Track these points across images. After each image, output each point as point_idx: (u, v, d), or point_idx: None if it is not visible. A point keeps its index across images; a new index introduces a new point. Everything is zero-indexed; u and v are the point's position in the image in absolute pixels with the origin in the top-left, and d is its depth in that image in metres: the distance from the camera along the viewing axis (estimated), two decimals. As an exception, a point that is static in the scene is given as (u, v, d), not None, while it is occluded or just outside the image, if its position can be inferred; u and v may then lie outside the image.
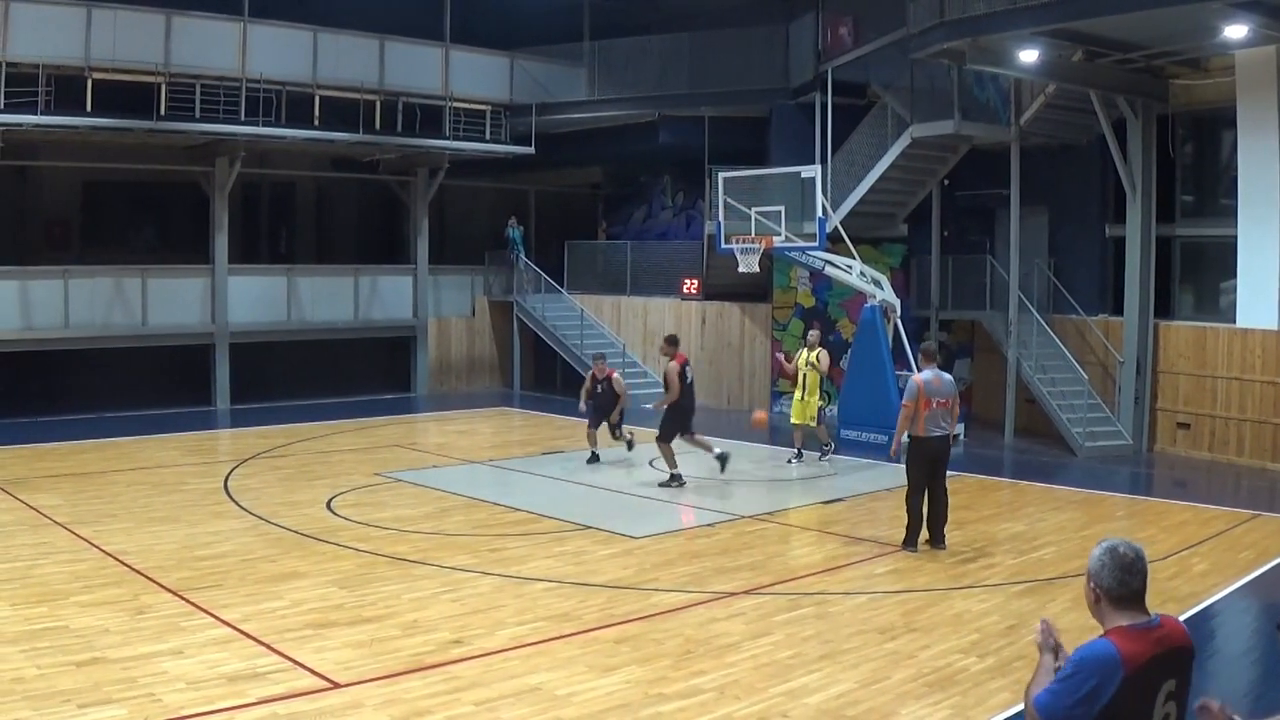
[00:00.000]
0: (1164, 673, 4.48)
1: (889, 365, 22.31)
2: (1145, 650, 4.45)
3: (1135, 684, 4.38)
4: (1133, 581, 4.57)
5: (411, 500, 16.57)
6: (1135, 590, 4.58)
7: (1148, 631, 4.51)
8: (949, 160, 24.94)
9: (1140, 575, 4.59)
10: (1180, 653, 4.59)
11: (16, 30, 22.44)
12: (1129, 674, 4.37)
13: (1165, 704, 4.47)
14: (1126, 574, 4.57)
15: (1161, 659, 4.48)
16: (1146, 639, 4.49)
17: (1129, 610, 4.57)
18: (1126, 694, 4.36)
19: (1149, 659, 4.44)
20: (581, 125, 30.77)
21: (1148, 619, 4.56)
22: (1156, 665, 4.45)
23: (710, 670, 9.41)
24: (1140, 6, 17.44)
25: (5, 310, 23.90)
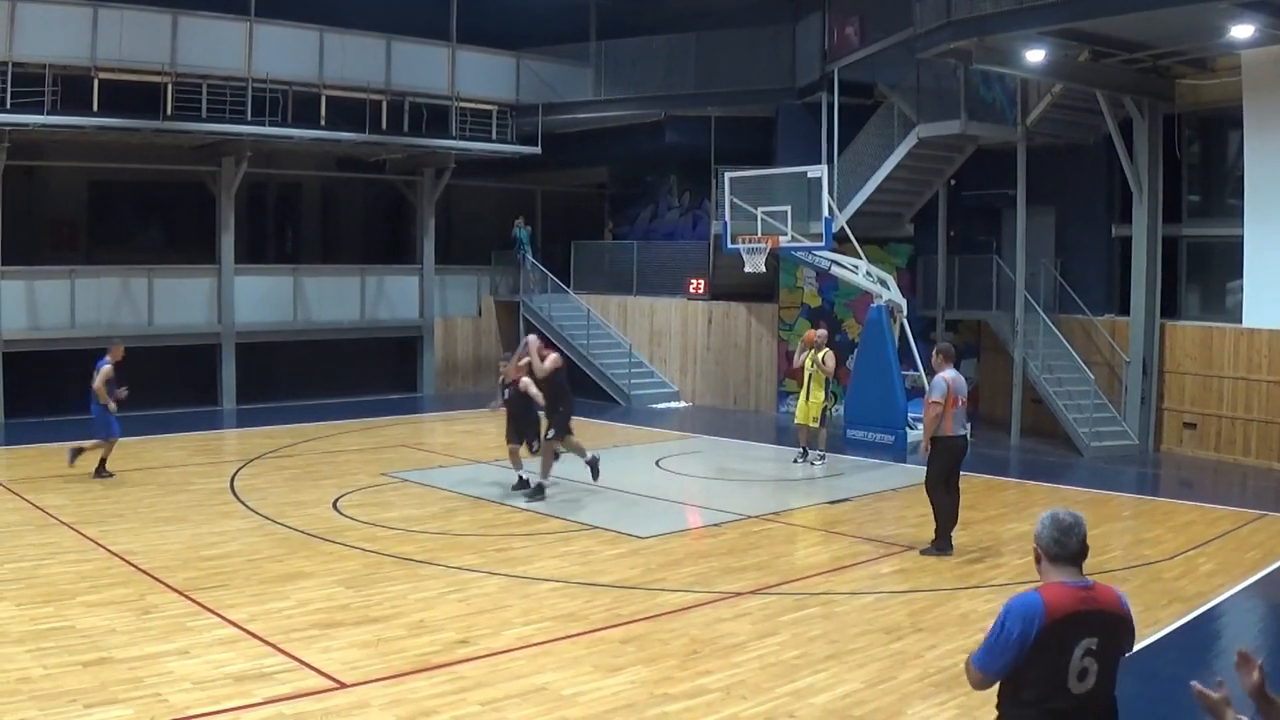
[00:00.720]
0: (1084, 630, 4.88)
1: (895, 365, 22.30)
2: (1069, 605, 4.89)
3: (1054, 632, 4.83)
4: (1068, 543, 5.02)
5: (418, 500, 16.58)
6: (1071, 551, 5.02)
7: (1076, 590, 4.95)
8: (955, 160, 24.92)
9: (1076, 538, 5.02)
10: (1105, 616, 4.97)
11: (23, 30, 22.47)
12: (1048, 623, 4.83)
13: (1084, 658, 4.88)
14: (1063, 535, 5.02)
15: (1084, 616, 4.90)
16: (1073, 596, 4.93)
17: (1064, 569, 5.02)
18: (1046, 640, 4.82)
19: (1071, 613, 4.87)
20: (588, 125, 30.78)
21: (1080, 580, 5.00)
22: (1078, 621, 4.88)
23: (716, 670, 9.40)
24: (1147, 6, 17.41)
25: (12, 310, 23.94)
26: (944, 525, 13.56)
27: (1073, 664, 4.89)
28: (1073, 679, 4.92)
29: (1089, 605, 4.95)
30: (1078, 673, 4.91)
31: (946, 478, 13.59)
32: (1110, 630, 4.99)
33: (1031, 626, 4.85)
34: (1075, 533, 5.04)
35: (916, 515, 15.78)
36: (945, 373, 13.45)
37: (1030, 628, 4.85)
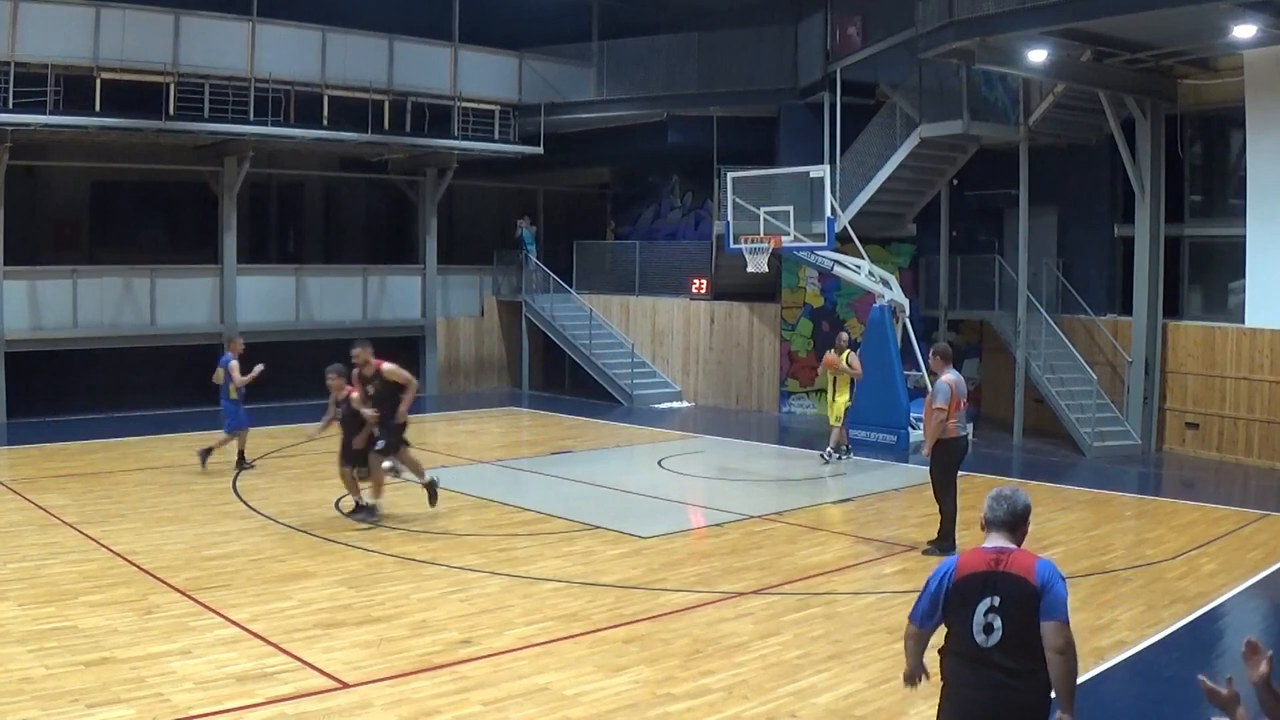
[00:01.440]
0: (988, 589, 5.53)
1: (897, 365, 22.31)
2: (975, 566, 5.62)
3: (959, 589, 5.60)
4: (997, 510, 5.74)
5: (420, 501, 16.55)
6: (999, 518, 5.74)
7: (990, 554, 5.64)
8: (958, 160, 24.91)
9: (1004, 508, 5.74)
10: (1010, 580, 5.52)
11: (25, 30, 22.47)
12: (957, 579, 5.63)
13: (987, 614, 5.50)
14: (994, 504, 5.76)
15: (989, 577, 5.55)
16: (984, 559, 5.62)
17: (994, 535, 5.74)
18: (953, 595, 5.62)
19: (974, 573, 5.59)
20: (590, 125, 30.77)
21: (1000, 546, 5.68)
22: (982, 580, 5.55)
23: (719, 670, 9.41)
24: (1149, 6, 17.40)
25: (14, 310, 23.93)
26: (950, 525, 13.52)
27: (976, 618, 5.53)
28: (978, 632, 5.53)
29: (996, 568, 5.56)
30: (982, 627, 5.52)
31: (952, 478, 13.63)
32: (1014, 593, 5.48)
33: (943, 582, 5.68)
34: (1004, 503, 5.75)
35: (919, 515, 15.78)
36: (947, 375, 13.43)
37: (942, 583, 5.69)
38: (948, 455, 13.51)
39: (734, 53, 28.35)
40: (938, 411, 13.22)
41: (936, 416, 13.25)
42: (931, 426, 13.38)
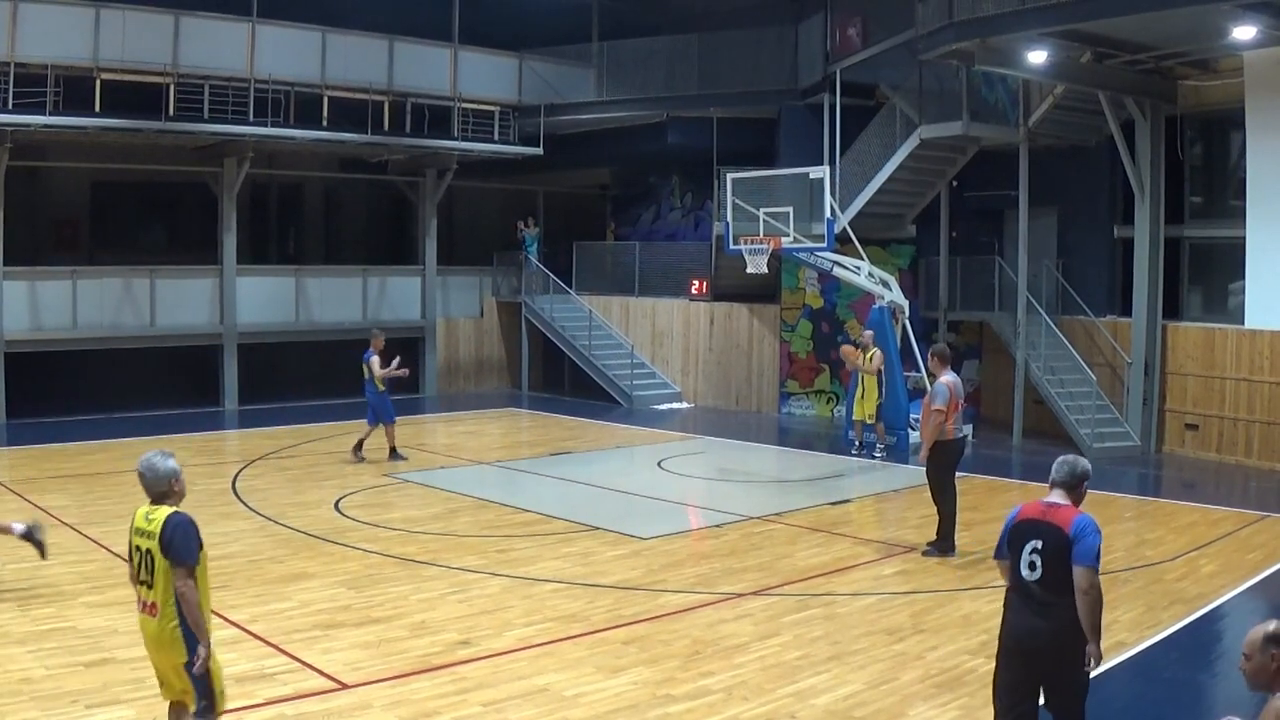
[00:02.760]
0: (1034, 534, 6.83)
1: (897, 366, 22.30)
2: (1031, 514, 6.96)
3: (1017, 530, 6.97)
4: (1059, 472, 7.05)
5: (420, 501, 16.59)
6: (1059, 479, 7.03)
7: (1043, 505, 6.95)
8: (957, 161, 24.91)
9: (1064, 470, 7.03)
10: (1051, 528, 6.77)
11: (25, 31, 22.47)
12: (1016, 522, 7.02)
13: (1031, 554, 6.79)
14: (1058, 466, 7.08)
15: (1037, 524, 6.85)
16: (1038, 509, 6.95)
17: (1053, 493, 7.01)
18: (1013, 534, 6.99)
19: (1029, 519, 6.93)
20: (590, 126, 30.75)
21: (1053, 501, 6.96)
22: (1032, 526, 6.87)
23: (718, 671, 9.41)
24: (1149, 8, 17.40)
25: (14, 311, 23.93)
26: (949, 527, 13.56)
27: (1024, 556, 6.83)
28: (1025, 568, 6.82)
29: (1043, 518, 6.84)
30: (1027, 564, 6.81)
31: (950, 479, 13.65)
32: (1053, 539, 6.72)
33: (1008, 524, 7.08)
34: (1065, 466, 7.06)
35: (918, 516, 15.79)
36: (945, 377, 13.45)
37: (1007, 525, 7.09)
38: (946, 456, 13.54)
39: (734, 54, 28.34)
40: (936, 413, 13.21)
41: (935, 418, 13.24)
42: (930, 428, 13.37)
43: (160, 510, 6.88)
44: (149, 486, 6.95)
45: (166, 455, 7.00)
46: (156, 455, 7.00)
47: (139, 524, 6.90)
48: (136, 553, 6.90)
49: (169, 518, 6.82)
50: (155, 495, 6.95)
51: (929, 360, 14.06)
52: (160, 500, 6.93)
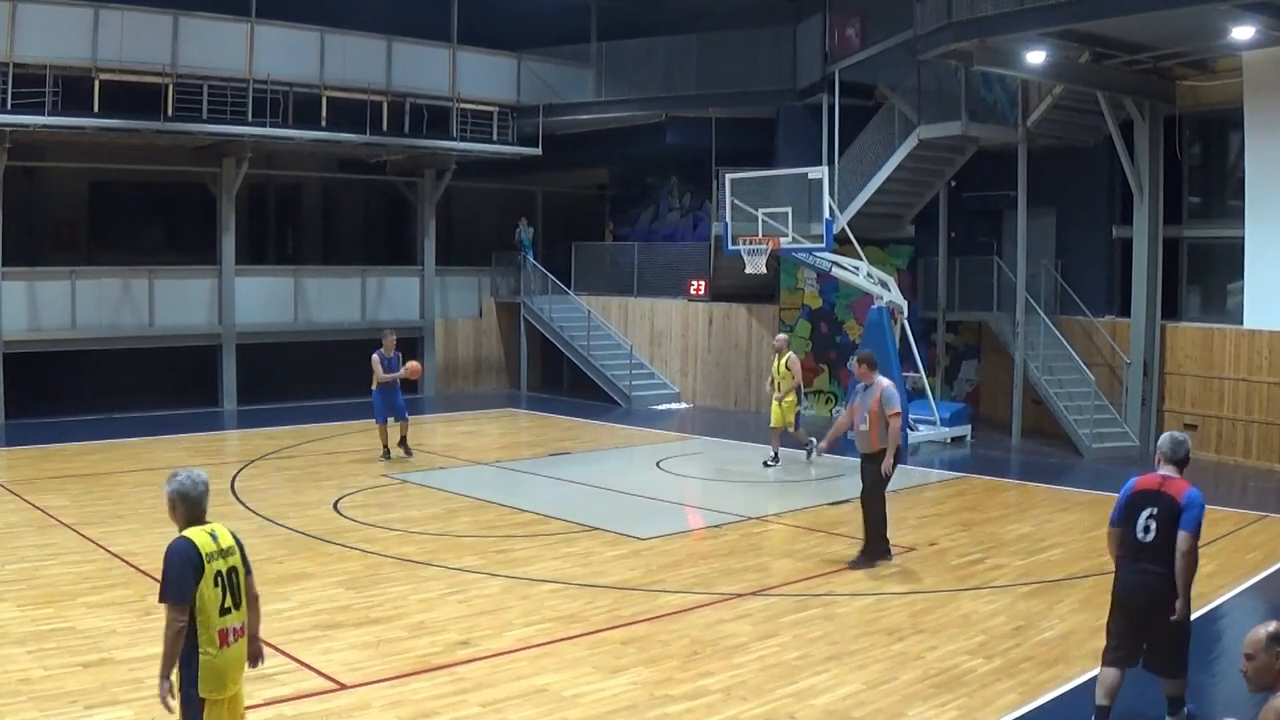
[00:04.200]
0: (1148, 501, 7.97)
1: (896, 367, 22.24)
2: (1148, 484, 8.04)
3: (1134, 499, 8.06)
4: (1166, 450, 8.19)
5: (419, 501, 16.60)
6: (1169, 455, 8.15)
7: (1158, 477, 8.06)
8: (956, 161, 24.92)
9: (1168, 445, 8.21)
10: (1166, 498, 7.90)
11: (24, 31, 22.47)
12: (1133, 492, 8.10)
13: (1147, 519, 7.92)
14: (1168, 443, 8.23)
15: (1149, 493, 8.00)
16: (1154, 480, 8.05)
17: (1164, 466, 8.11)
18: (1128, 504, 8.10)
19: (1148, 489, 8.02)
20: (589, 126, 30.76)
21: (1166, 474, 8.06)
22: (1145, 495, 8.01)
23: (717, 671, 9.41)
24: (1148, 8, 17.41)
25: (13, 311, 23.93)
26: (881, 530, 13.25)
27: (1140, 521, 7.95)
28: (1140, 532, 7.95)
29: (1155, 488, 7.98)
30: (1143, 528, 7.93)
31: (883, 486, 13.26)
32: (1166, 507, 7.87)
33: (1126, 493, 8.13)
34: (1171, 442, 8.21)
35: (917, 516, 15.81)
36: (886, 380, 13.21)
37: (1125, 495, 8.15)
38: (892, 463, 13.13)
39: (733, 54, 28.35)
40: (896, 417, 12.83)
41: (896, 423, 12.83)
42: (893, 434, 12.85)
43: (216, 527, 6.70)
44: (198, 504, 6.75)
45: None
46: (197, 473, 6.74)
47: (212, 548, 6.55)
48: (219, 580, 6.47)
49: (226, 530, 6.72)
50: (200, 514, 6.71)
51: (856, 367, 13.43)
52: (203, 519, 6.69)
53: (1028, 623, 10.83)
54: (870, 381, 13.08)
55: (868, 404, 12.95)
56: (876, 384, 13.02)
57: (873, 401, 12.89)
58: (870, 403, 12.92)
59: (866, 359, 13.33)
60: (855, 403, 13.26)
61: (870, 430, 12.93)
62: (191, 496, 6.69)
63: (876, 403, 12.86)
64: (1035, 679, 9.31)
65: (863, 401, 13.06)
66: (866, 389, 13.09)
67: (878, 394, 12.89)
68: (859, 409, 13.10)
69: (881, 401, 12.83)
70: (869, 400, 12.95)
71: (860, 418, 13.04)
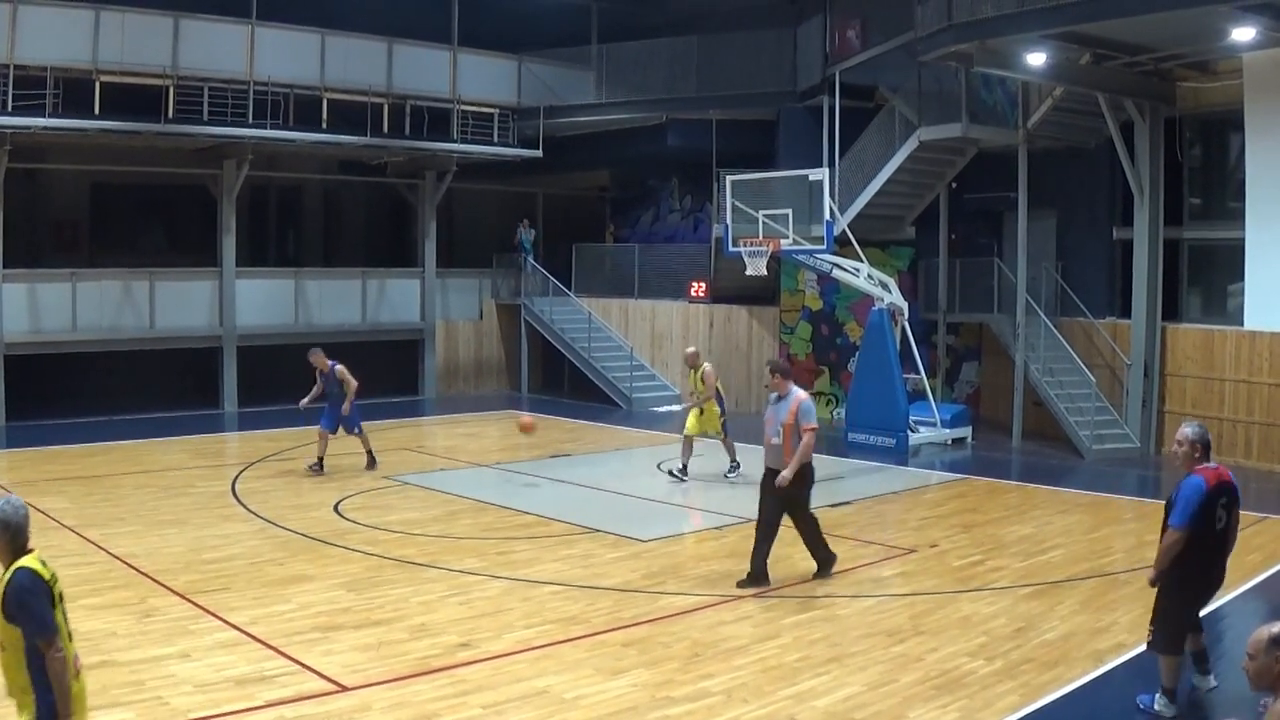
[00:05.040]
0: (1220, 493, 8.58)
1: (896, 368, 22.29)
2: (1217, 478, 8.58)
3: (1210, 496, 8.48)
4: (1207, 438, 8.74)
5: (419, 503, 16.59)
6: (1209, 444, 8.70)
7: (1216, 469, 8.66)
8: (957, 163, 24.94)
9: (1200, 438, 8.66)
10: (1230, 485, 8.70)
11: (24, 33, 22.49)
12: (1209, 489, 8.49)
13: (1219, 510, 8.58)
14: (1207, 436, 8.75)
15: (1220, 485, 8.59)
16: (1216, 472, 8.62)
17: (1205, 460, 8.63)
18: (1206, 501, 8.47)
19: (1215, 484, 8.55)
20: (589, 128, 30.79)
21: (1215, 464, 8.71)
22: (1218, 488, 8.56)
23: (718, 673, 9.41)
24: (1148, 9, 17.40)
25: (14, 313, 23.94)
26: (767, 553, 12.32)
27: (1216, 511, 8.56)
28: (1216, 522, 8.57)
29: (1221, 479, 8.60)
30: (1217, 518, 8.58)
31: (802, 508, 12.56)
32: (1232, 492, 8.71)
33: (1202, 494, 8.45)
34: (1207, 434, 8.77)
35: (918, 518, 15.83)
36: (801, 392, 12.46)
37: (1202, 495, 8.45)
38: (806, 480, 12.36)
39: (733, 56, 28.37)
40: (811, 431, 12.03)
41: (810, 438, 12.02)
42: (804, 448, 12.01)
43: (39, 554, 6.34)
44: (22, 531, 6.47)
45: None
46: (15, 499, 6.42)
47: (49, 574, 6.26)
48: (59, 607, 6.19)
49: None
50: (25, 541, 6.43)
51: (770, 377, 12.60)
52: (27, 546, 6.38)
53: (1028, 624, 10.83)
54: (784, 392, 12.35)
55: (782, 416, 12.16)
56: (792, 395, 12.28)
57: (788, 414, 12.11)
58: (785, 415, 12.13)
59: (779, 368, 12.64)
60: (768, 415, 12.45)
61: (784, 444, 12.11)
62: (15, 523, 6.37)
63: (792, 415, 12.08)
64: (1036, 680, 9.31)
65: (776, 414, 12.27)
66: (780, 400, 12.33)
67: (794, 406, 12.13)
68: (771, 421, 12.29)
69: (798, 414, 12.07)
70: (783, 412, 12.16)
71: (773, 430, 12.23)
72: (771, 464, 12.28)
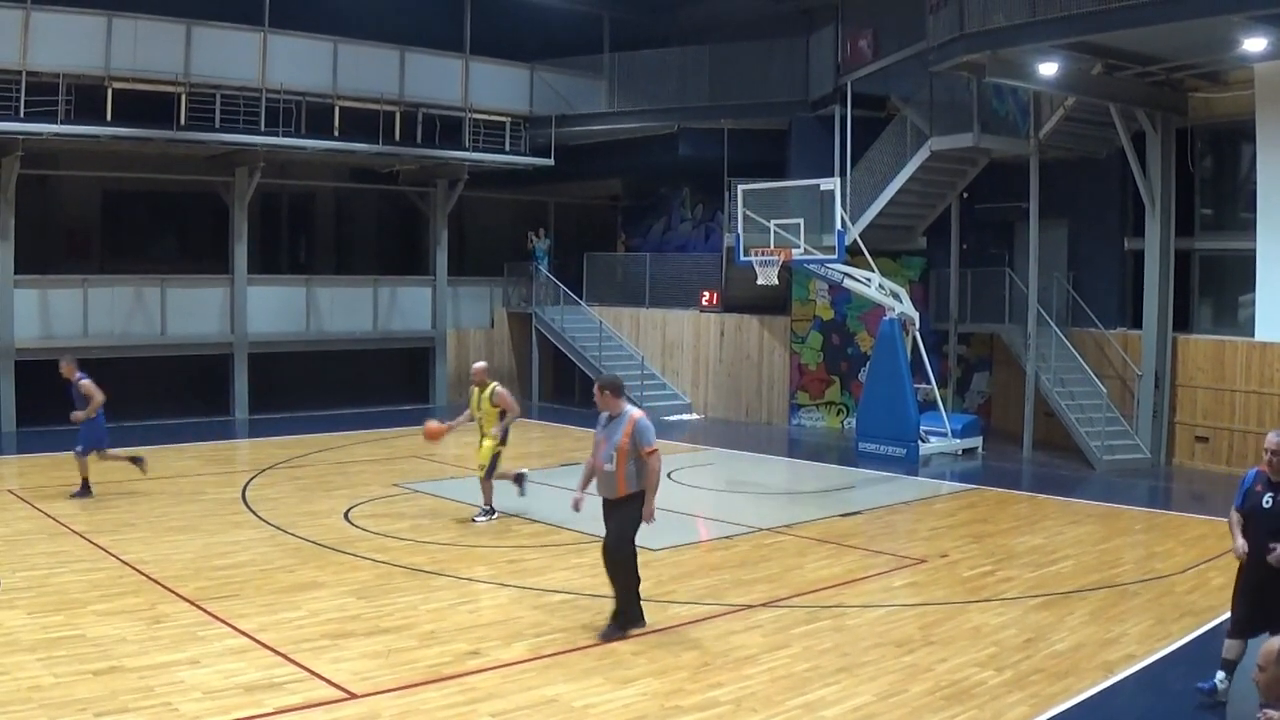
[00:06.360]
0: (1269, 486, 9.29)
1: (907, 378, 22.27)
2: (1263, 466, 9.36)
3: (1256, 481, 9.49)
4: None
5: (429, 511, 16.59)
6: None
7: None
8: (968, 173, 24.91)
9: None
10: None
11: (37, 40, 22.56)
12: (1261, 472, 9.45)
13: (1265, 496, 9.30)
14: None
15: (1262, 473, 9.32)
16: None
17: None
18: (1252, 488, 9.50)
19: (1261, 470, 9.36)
20: (601, 137, 30.84)
21: None
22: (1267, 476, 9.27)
23: (727, 683, 9.39)
24: (1160, 20, 17.38)
25: (25, 319, 24.02)
26: (635, 589, 10.98)
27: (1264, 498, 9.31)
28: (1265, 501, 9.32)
29: None
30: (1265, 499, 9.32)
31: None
32: None
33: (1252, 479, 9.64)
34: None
35: (928, 529, 15.80)
36: (636, 410, 10.94)
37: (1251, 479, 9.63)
38: (638, 510, 10.78)
39: (745, 65, 28.38)
40: (654, 454, 10.59)
41: (654, 461, 10.59)
42: (652, 473, 10.63)
43: None
44: None
45: None
46: None
47: None
48: None
49: None
50: None
51: (599, 395, 10.99)
52: None
53: (1038, 635, 10.80)
54: (616, 412, 10.84)
55: (615, 439, 10.65)
56: (625, 415, 10.74)
57: (622, 436, 10.61)
58: (619, 438, 10.63)
59: (608, 384, 11.01)
60: (598, 437, 10.91)
61: (618, 470, 10.60)
62: None
63: (627, 437, 10.58)
64: (1046, 691, 9.28)
65: (608, 436, 10.76)
66: (612, 420, 10.82)
67: (628, 426, 10.62)
68: (603, 444, 10.78)
69: (634, 436, 10.57)
70: (617, 435, 10.66)
71: (605, 455, 10.72)
72: (605, 493, 10.79)
